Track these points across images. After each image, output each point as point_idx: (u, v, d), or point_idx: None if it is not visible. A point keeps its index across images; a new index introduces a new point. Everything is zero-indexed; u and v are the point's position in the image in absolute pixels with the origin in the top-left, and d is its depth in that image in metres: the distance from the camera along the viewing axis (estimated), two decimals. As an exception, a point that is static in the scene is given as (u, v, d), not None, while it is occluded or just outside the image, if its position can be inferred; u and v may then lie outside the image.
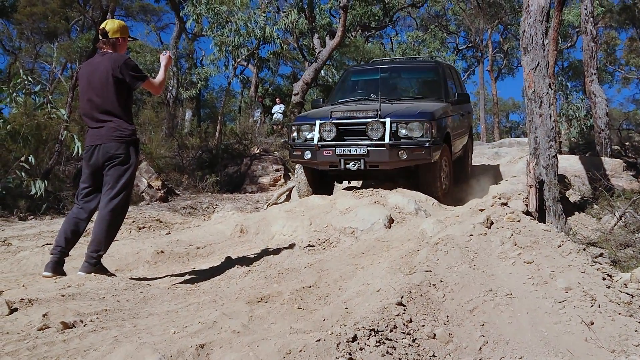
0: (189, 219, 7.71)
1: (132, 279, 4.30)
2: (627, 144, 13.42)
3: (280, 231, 5.89)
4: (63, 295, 3.53)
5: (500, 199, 4.65)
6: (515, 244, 3.72)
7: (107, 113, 4.22)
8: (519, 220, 4.06)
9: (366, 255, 4.58)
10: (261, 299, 3.58)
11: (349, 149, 6.61)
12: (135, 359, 2.41)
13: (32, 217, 8.77)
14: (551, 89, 6.35)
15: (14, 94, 6.44)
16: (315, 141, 6.72)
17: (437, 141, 6.66)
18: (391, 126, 6.48)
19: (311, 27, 16.27)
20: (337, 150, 6.65)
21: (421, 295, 3.12)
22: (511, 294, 3.18)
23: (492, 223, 4.05)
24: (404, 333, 2.71)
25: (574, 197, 7.79)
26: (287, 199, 9.82)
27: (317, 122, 6.78)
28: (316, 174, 7.42)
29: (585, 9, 10.62)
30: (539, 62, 6.02)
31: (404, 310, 2.89)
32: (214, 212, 8.41)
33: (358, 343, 2.46)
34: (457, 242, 3.82)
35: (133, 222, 6.98)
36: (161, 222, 7.17)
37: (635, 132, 18.40)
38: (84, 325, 3.02)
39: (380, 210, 5.71)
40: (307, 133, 6.96)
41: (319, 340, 2.43)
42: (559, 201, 5.93)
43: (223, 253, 5.39)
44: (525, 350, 2.77)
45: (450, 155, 7.42)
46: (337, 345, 2.40)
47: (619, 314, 2.96)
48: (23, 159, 6.72)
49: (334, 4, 19.98)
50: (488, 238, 3.88)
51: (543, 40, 6.06)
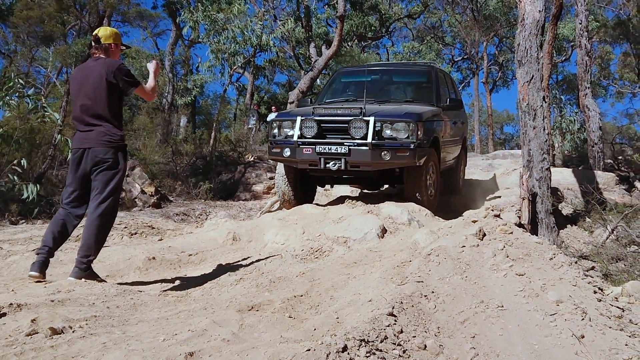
0: (182, 225, 7.69)
1: (122, 284, 4.28)
2: (620, 157, 13.52)
3: (272, 239, 5.87)
4: (52, 301, 3.51)
5: (493, 210, 4.66)
6: (508, 256, 3.72)
7: (98, 117, 4.24)
8: (512, 232, 4.06)
9: (358, 265, 4.57)
10: (252, 308, 3.57)
11: (329, 147, 6.31)
12: (124, 366, 2.39)
13: (23, 221, 8.71)
14: (545, 102, 6.38)
15: (7, 97, 6.42)
16: (295, 138, 6.41)
17: (424, 144, 6.38)
18: (375, 125, 6.19)
19: (308, 35, 16.36)
20: (317, 148, 6.33)
21: (412, 305, 3.11)
22: (502, 306, 3.18)
23: (484, 235, 4.06)
24: (395, 344, 2.70)
25: (566, 210, 7.82)
26: (281, 207, 9.80)
27: (299, 118, 6.50)
28: (297, 175, 7.10)
29: (580, 23, 10.72)
30: (533, 75, 6.06)
31: (395, 320, 2.89)
32: (206, 219, 8.39)
33: (348, 353, 2.45)
34: (450, 253, 3.83)
35: (125, 227, 6.94)
36: (153, 228, 7.13)
37: (628, 146, 18.56)
38: (73, 332, 3.00)
39: (373, 220, 5.71)
40: (288, 130, 6.65)
41: (309, 349, 2.42)
42: (551, 214, 5.95)
43: (215, 261, 5.37)
44: (515, 362, 2.76)
45: (439, 161, 7.08)
46: (327, 355, 2.39)
47: (610, 327, 2.96)
48: (16, 162, 6.70)
49: (331, 13, 20.07)
50: (480, 249, 3.89)
51: (538, 54, 6.11)
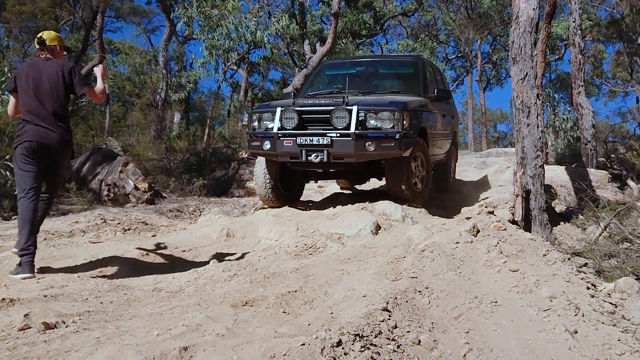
0: (176, 222, 7.65)
1: (115, 280, 4.26)
2: (613, 156, 13.59)
3: (266, 236, 5.87)
4: (45, 296, 3.49)
5: (487, 207, 4.67)
6: (501, 252, 3.74)
7: (55, 116, 4.40)
8: (505, 229, 4.08)
9: (352, 261, 4.57)
10: (246, 303, 3.56)
11: (311, 138, 5.97)
12: (117, 360, 2.38)
13: (16, 216, 8.65)
14: (539, 99, 6.41)
15: (0, 92, 6.38)
16: (275, 130, 6.10)
17: (410, 134, 6.04)
18: (358, 114, 5.87)
19: (302, 33, 16.33)
20: (298, 140, 6.01)
21: (407, 301, 3.12)
22: (496, 302, 3.19)
23: (478, 231, 4.07)
24: (389, 339, 2.70)
25: (559, 207, 7.86)
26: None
27: (279, 109, 6.18)
28: (278, 169, 6.81)
29: (574, 22, 10.78)
30: (527, 73, 6.08)
31: (389, 316, 2.89)
32: (200, 215, 8.35)
33: (343, 348, 2.45)
34: (444, 249, 3.84)
35: (118, 224, 6.90)
36: (147, 224, 7.09)
37: (621, 144, 18.66)
38: (66, 326, 2.99)
39: (367, 217, 5.71)
40: (268, 122, 6.35)
41: (304, 344, 2.42)
42: (544, 211, 5.98)
43: (209, 257, 5.36)
44: (509, 357, 2.78)
45: (427, 153, 6.72)
46: (322, 350, 2.39)
47: (603, 323, 2.98)
48: (8, 157, 6.65)
49: (325, 10, 20.05)
50: (474, 246, 3.90)
51: (532, 51, 6.13)
